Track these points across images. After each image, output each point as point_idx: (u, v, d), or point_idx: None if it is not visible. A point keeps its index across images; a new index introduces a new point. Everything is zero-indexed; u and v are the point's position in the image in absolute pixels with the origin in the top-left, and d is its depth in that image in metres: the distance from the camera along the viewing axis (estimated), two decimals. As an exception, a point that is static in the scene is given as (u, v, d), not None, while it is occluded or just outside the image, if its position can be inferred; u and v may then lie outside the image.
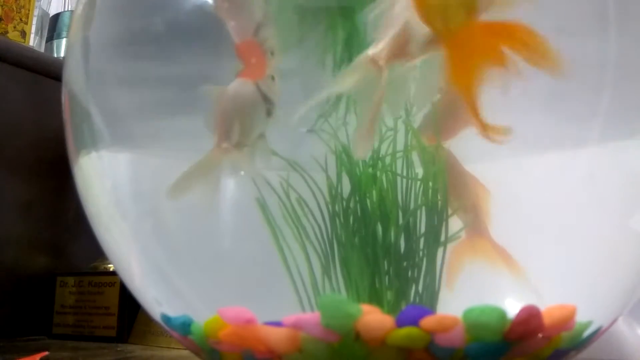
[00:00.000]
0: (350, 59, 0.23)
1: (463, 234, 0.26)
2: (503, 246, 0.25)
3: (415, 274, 0.26)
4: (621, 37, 0.26)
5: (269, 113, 0.21)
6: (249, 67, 0.21)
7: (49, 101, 0.70)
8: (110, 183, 0.30)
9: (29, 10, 0.88)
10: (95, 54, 0.30)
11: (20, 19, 0.86)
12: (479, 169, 0.25)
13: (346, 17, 0.23)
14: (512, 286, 0.25)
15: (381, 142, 0.25)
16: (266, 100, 0.21)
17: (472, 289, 0.25)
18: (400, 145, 0.26)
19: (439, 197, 0.26)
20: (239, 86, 0.21)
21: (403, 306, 0.26)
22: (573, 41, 0.25)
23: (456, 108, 0.25)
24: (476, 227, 0.25)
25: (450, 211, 0.26)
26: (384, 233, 0.25)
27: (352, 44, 0.23)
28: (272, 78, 0.22)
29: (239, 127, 0.21)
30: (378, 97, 0.20)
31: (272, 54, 0.22)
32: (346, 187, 0.26)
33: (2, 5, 0.84)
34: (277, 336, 0.24)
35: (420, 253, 0.26)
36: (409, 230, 0.26)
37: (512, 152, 0.25)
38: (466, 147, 0.25)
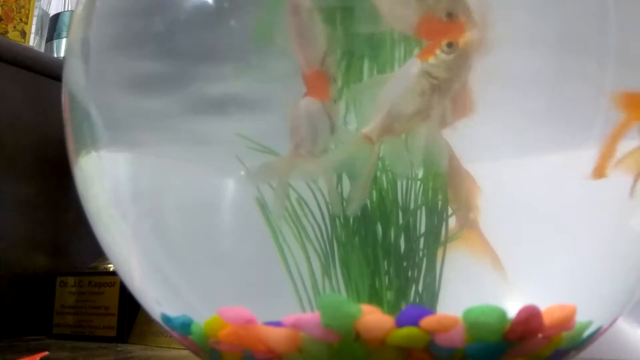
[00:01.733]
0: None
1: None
2: (489, 241, 0.25)
3: (415, 274, 0.26)
4: (623, 34, 0.26)
5: (332, 131, 0.25)
6: (314, 90, 0.25)
7: (49, 101, 0.70)
8: (110, 183, 0.30)
9: (29, 10, 0.88)
10: (95, 54, 0.30)
11: (20, 19, 0.86)
12: (479, 168, 0.25)
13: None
14: (511, 286, 0.25)
15: (381, 142, 0.25)
16: (330, 119, 0.25)
17: (472, 289, 0.25)
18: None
19: (439, 197, 0.26)
20: (309, 103, 0.25)
21: (403, 306, 0.26)
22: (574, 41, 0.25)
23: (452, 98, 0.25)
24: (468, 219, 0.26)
25: (450, 211, 0.26)
26: (384, 233, 0.25)
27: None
28: (334, 101, 0.25)
29: (311, 138, 0.25)
30: (371, 166, 0.25)
31: (334, 80, 0.25)
32: (346, 187, 0.26)
33: (2, 5, 0.84)
34: (277, 336, 0.24)
35: (420, 253, 0.26)
36: (409, 230, 0.26)
37: (512, 152, 0.25)
38: (465, 147, 0.25)
